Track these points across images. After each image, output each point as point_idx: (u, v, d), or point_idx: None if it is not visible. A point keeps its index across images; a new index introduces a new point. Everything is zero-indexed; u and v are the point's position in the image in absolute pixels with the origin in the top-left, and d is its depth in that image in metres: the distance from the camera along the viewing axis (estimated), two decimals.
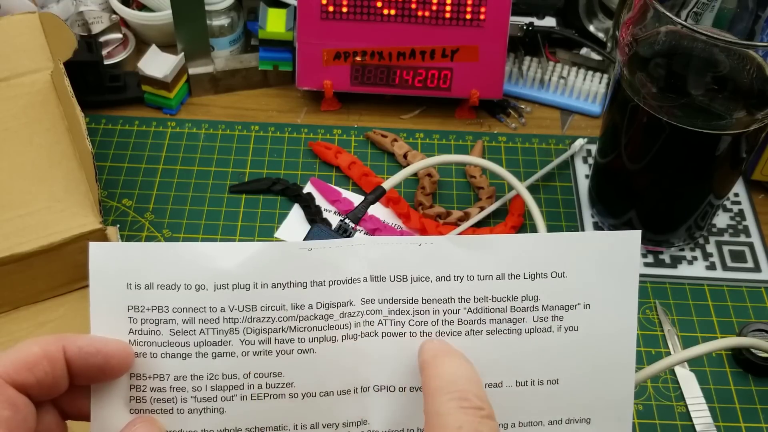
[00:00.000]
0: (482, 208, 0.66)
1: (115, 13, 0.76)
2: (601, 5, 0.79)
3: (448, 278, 0.39)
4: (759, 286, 0.63)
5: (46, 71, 0.64)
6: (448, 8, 0.69)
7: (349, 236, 0.57)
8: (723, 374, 0.58)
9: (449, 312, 0.39)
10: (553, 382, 0.40)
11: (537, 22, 0.78)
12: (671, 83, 0.54)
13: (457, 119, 0.74)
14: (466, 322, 0.39)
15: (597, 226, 0.66)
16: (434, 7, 0.69)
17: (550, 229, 0.66)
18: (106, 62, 0.73)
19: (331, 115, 0.74)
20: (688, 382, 0.57)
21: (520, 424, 0.40)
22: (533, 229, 0.65)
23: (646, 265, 0.64)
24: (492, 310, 0.39)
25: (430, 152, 0.71)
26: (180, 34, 0.71)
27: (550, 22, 0.79)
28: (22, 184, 0.58)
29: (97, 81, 0.71)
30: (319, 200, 0.67)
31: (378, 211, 0.66)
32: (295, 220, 0.66)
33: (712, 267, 0.64)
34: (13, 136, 0.61)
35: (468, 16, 0.69)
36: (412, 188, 0.68)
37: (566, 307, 0.40)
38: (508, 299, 0.40)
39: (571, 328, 0.40)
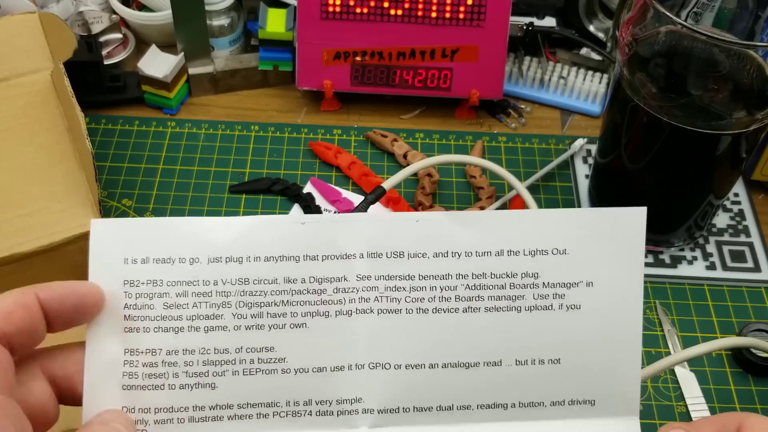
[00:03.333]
0: (482, 208, 0.66)
1: (115, 13, 0.76)
2: (601, 5, 0.79)
3: (446, 255, 0.38)
4: (759, 286, 0.63)
5: (46, 71, 0.64)
6: (448, 8, 0.69)
7: None
8: (723, 374, 0.58)
9: (447, 288, 0.38)
10: (555, 361, 0.40)
11: (537, 22, 0.78)
12: (671, 83, 0.54)
13: (457, 119, 0.74)
14: (464, 299, 0.38)
15: None
16: (434, 7, 0.69)
17: None
18: (106, 62, 0.73)
19: (331, 115, 0.74)
20: (688, 382, 0.57)
21: (521, 405, 0.40)
22: None
23: (647, 265, 0.64)
24: (490, 287, 0.39)
25: (430, 152, 0.71)
26: (180, 34, 0.71)
27: (550, 22, 0.79)
28: (22, 184, 0.58)
29: (97, 81, 0.71)
30: (319, 200, 0.67)
31: (378, 211, 0.66)
32: None
33: (712, 267, 0.64)
34: (13, 136, 0.61)
35: (468, 16, 0.69)
36: (412, 188, 0.68)
37: (568, 285, 0.39)
38: (508, 276, 0.39)
39: (573, 306, 0.40)
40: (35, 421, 0.32)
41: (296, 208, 0.66)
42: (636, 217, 0.39)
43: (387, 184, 0.60)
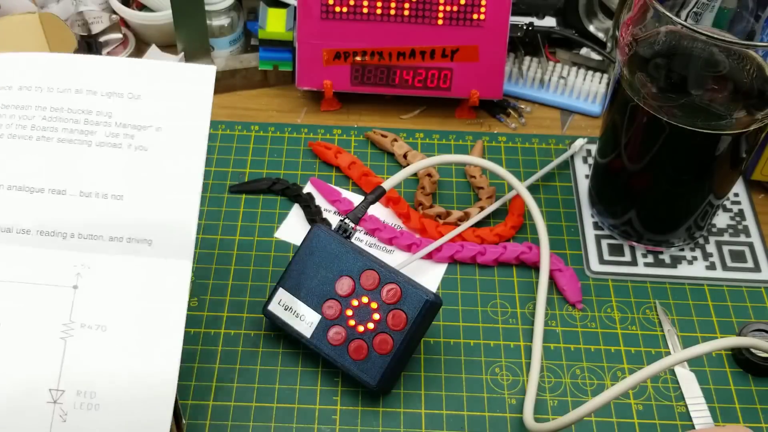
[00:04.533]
0: (482, 208, 0.66)
1: (115, 13, 0.76)
2: (601, 5, 0.79)
3: (29, 88, 0.44)
4: (759, 286, 0.63)
5: None
6: (448, 8, 0.69)
7: (349, 237, 0.57)
8: (723, 374, 0.58)
9: (24, 117, 0.44)
10: (118, 197, 0.44)
11: (537, 22, 0.78)
12: (671, 83, 0.54)
13: (457, 119, 0.74)
14: (39, 128, 0.43)
15: (597, 226, 0.66)
16: (434, 7, 0.69)
17: (551, 229, 0.66)
18: None
19: (331, 115, 0.74)
20: (688, 382, 0.57)
21: (80, 236, 0.43)
22: (533, 229, 0.65)
23: (646, 265, 0.64)
24: (66, 120, 0.44)
25: (430, 152, 0.71)
26: (180, 34, 0.71)
27: (550, 22, 0.79)
28: None
29: None
30: (319, 200, 0.67)
31: (378, 211, 0.66)
32: (295, 220, 0.66)
33: (712, 267, 0.64)
34: None
35: (468, 16, 0.69)
36: (412, 188, 0.68)
37: (138, 127, 0.44)
38: (83, 112, 0.44)
39: (140, 148, 0.44)
40: None
41: (296, 208, 0.66)
42: (205, 73, 0.45)
43: (387, 184, 0.60)
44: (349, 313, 0.54)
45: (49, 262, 0.43)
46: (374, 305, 0.54)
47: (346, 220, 0.58)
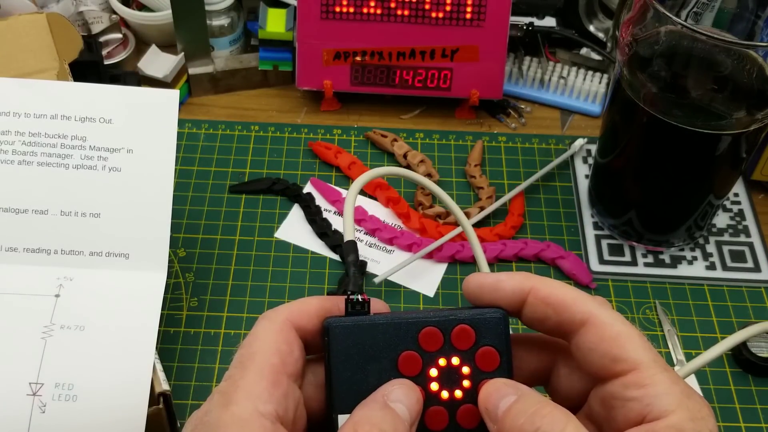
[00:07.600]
0: (482, 208, 0.66)
1: (115, 13, 0.76)
2: (601, 5, 0.79)
3: (8, 114, 0.48)
4: (759, 286, 0.63)
5: (53, 71, 0.63)
6: (448, 8, 0.69)
7: (368, 311, 0.39)
8: (723, 374, 0.58)
9: (5, 143, 0.48)
10: (96, 215, 0.48)
11: (537, 22, 0.78)
12: (671, 83, 0.54)
13: (457, 119, 0.74)
14: (20, 153, 0.48)
15: (597, 226, 0.66)
16: (434, 7, 0.69)
17: (551, 229, 0.66)
18: (106, 62, 0.73)
19: (331, 115, 0.74)
20: (688, 382, 0.57)
21: (63, 252, 0.47)
22: (533, 230, 0.65)
23: (646, 265, 0.64)
24: (43, 145, 0.48)
25: (430, 152, 0.71)
26: (180, 34, 0.71)
27: (550, 22, 0.79)
28: None
29: (97, 81, 0.71)
30: (319, 200, 0.67)
31: (378, 211, 0.66)
32: (295, 220, 0.66)
33: (712, 267, 0.64)
34: None
35: (468, 16, 0.69)
36: (412, 188, 0.68)
37: (111, 150, 0.48)
38: (59, 137, 0.48)
39: (114, 169, 0.48)
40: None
41: (296, 208, 0.66)
42: (170, 96, 0.50)
43: (348, 235, 0.42)
44: (434, 387, 0.38)
45: (35, 276, 0.47)
46: (455, 361, 0.38)
47: (351, 296, 0.39)
